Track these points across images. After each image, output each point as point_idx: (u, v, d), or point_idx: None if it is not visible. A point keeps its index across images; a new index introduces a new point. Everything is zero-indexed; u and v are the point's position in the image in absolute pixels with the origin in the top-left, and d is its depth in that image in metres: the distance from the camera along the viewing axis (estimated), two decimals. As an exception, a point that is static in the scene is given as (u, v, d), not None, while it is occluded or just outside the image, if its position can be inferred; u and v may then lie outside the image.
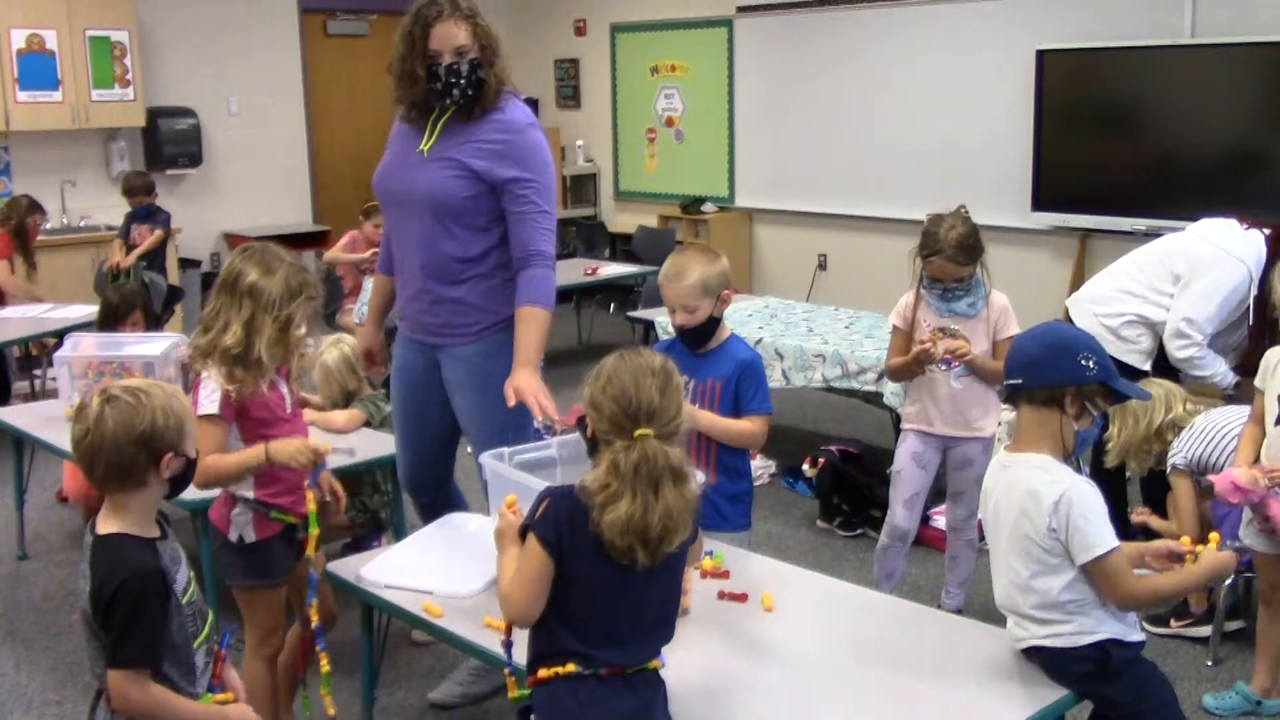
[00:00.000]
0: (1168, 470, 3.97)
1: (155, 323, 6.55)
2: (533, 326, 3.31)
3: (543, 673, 2.24)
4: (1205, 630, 4.04)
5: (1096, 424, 2.58)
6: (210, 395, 2.89)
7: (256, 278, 2.92)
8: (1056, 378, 2.54)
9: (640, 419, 2.17)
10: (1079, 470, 2.67)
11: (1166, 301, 4.39)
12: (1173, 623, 4.11)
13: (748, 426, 3.30)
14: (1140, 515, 4.16)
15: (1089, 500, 2.47)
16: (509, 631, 2.37)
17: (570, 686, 2.21)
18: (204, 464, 2.85)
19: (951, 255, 3.76)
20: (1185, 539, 2.63)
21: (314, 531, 2.91)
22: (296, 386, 3.14)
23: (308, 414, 4.36)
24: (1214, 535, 2.62)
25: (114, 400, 2.21)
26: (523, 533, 2.23)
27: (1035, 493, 2.51)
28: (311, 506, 2.89)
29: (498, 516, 2.40)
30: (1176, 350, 4.35)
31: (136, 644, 2.17)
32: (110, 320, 5.17)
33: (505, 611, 2.27)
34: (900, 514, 4.01)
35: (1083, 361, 2.53)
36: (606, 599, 2.21)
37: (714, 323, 3.31)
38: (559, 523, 2.19)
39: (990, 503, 2.66)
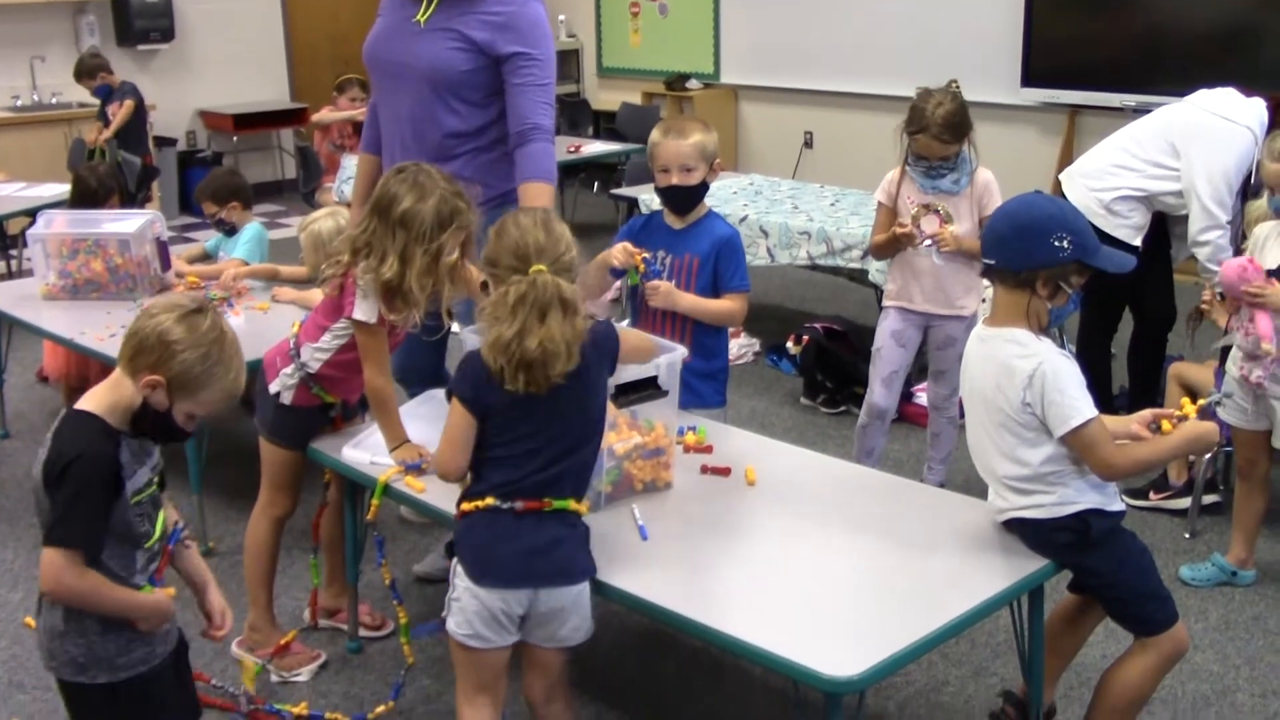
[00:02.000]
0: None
1: (130, 203, 6.45)
2: (541, 203, 3.26)
3: (465, 506, 2.43)
4: (1184, 503, 4.09)
5: (1073, 300, 2.54)
6: (369, 307, 2.87)
7: (410, 204, 2.80)
8: (1028, 260, 2.48)
9: (531, 257, 2.37)
10: (1062, 345, 2.64)
11: (1165, 174, 4.29)
12: (1151, 496, 4.15)
13: (728, 305, 3.29)
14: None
15: (1062, 373, 2.45)
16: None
17: (486, 519, 2.39)
18: (379, 395, 2.93)
19: (937, 133, 3.70)
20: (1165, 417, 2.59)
21: (376, 501, 2.91)
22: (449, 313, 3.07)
23: (287, 292, 4.34)
24: (1185, 401, 2.60)
25: (203, 313, 2.21)
26: (449, 396, 2.43)
27: (1009, 367, 2.49)
28: (382, 480, 2.88)
29: None
30: (1210, 236, 4.18)
31: (77, 525, 2.11)
32: (87, 204, 5.05)
33: (436, 471, 2.50)
34: (878, 392, 4.01)
35: (1055, 242, 2.45)
36: (522, 437, 2.37)
37: (705, 188, 3.30)
38: (474, 378, 2.38)
39: (968, 376, 2.65)
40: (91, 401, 2.21)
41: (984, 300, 4.08)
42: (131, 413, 2.20)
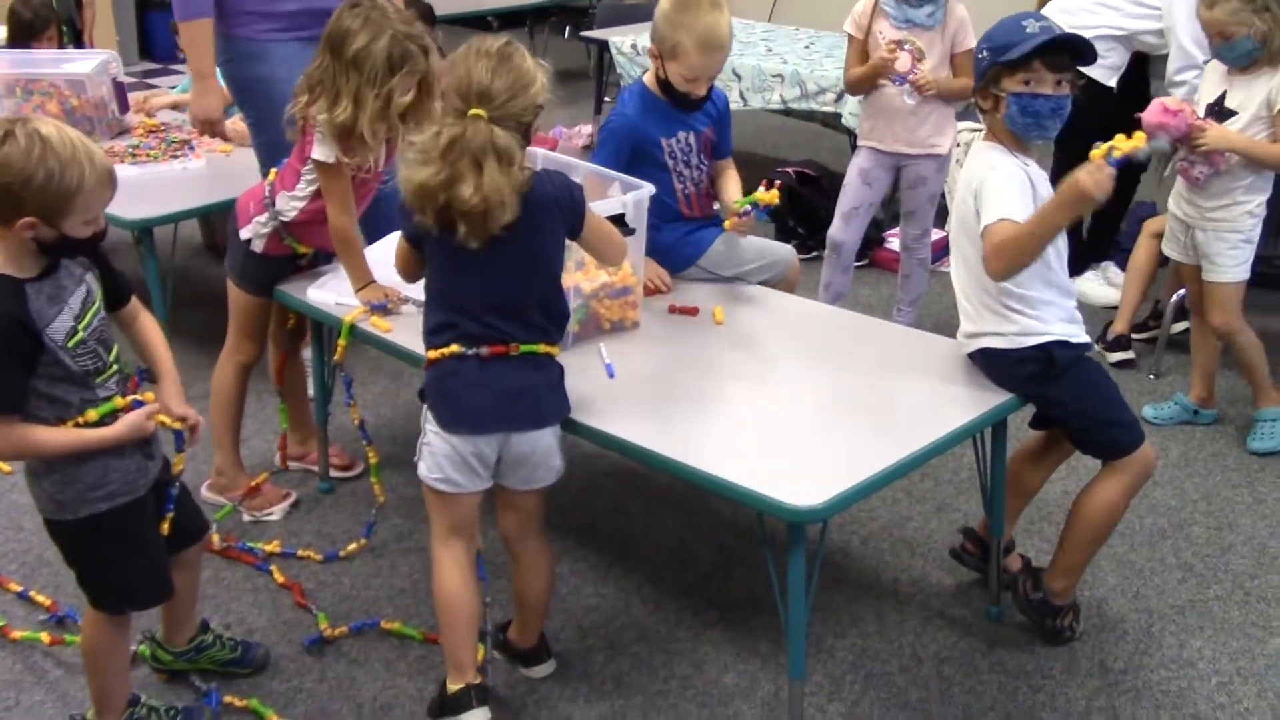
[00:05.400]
0: None
1: (76, 41, 6.25)
2: None
3: (431, 355, 2.38)
4: (1117, 356, 4.13)
5: (1046, 104, 2.45)
6: (327, 149, 2.79)
7: (362, 44, 2.70)
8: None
9: (471, 99, 2.21)
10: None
11: (1145, 13, 4.22)
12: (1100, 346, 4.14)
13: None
14: None
15: (1005, 177, 2.47)
16: None
17: (453, 366, 2.35)
18: (342, 235, 2.87)
19: None
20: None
21: (343, 343, 2.91)
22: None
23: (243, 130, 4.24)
24: (1121, 138, 2.33)
25: (11, 137, 2.01)
26: None
27: (969, 178, 2.55)
28: (348, 320, 2.86)
29: None
30: (1186, 75, 4.12)
31: None
32: (23, 38, 4.88)
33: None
34: (836, 225, 4.03)
35: (980, 56, 2.55)
36: (467, 279, 2.31)
37: None
38: (410, 214, 2.30)
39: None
40: None
41: (958, 144, 4.05)
42: (31, 254, 2.09)
